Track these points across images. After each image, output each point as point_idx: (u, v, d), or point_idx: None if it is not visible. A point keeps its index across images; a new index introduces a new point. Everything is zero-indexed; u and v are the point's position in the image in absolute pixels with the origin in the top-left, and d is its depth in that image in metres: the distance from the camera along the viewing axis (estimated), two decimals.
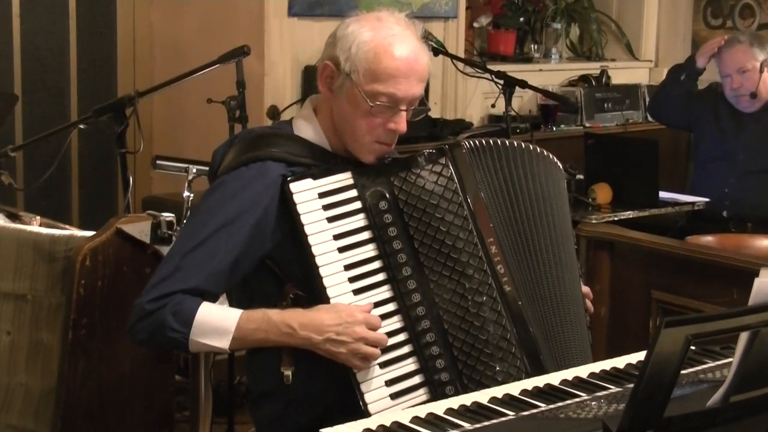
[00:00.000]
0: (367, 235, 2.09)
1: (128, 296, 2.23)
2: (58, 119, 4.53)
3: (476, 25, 5.66)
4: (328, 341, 1.98)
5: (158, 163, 3.45)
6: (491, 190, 2.20)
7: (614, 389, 1.82)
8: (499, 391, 1.80)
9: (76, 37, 4.72)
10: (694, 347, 1.64)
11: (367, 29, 2.09)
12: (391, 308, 2.06)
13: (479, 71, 4.23)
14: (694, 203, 4.28)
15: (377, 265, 2.08)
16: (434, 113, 4.93)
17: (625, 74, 6.07)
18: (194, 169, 3.22)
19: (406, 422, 1.66)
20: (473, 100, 5.29)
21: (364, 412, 1.96)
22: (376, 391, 2.00)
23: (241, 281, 2.11)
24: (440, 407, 1.72)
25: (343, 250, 2.05)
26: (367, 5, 4.57)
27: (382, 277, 2.07)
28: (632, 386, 1.43)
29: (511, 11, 5.75)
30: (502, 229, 2.18)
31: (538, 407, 1.73)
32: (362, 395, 1.99)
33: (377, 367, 2.01)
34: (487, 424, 1.65)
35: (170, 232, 2.72)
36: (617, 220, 3.98)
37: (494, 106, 4.73)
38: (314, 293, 2.03)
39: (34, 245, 2.53)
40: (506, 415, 1.69)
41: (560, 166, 2.35)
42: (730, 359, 1.86)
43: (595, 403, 1.73)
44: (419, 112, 2.16)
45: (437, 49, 4.09)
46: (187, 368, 3.17)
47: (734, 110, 4.45)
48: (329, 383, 2.06)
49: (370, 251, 2.08)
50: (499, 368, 2.08)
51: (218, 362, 3.35)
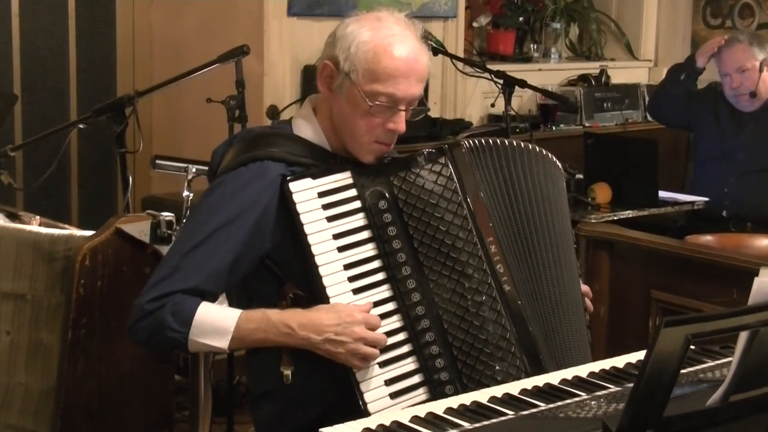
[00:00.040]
0: (366, 234, 2.09)
1: (128, 296, 2.23)
2: (57, 119, 4.52)
3: (475, 24, 5.66)
4: (327, 341, 1.97)
5: (158, 162, 3.44)
6: (491, 189, 2.20)
7: (614, 389, 1.82)
8: (498, 390, 1.80)
9: (75, 36, 4.71)
10: (693, 347, 1.64)
11: (366, 29, 2.09)
12: (390, 307, 2.06)
13: (479, 71, 4.23)
14: (693, 203, 4.28)
15: (377, 264, 2.08)
16: (434, 113, 4.92)
17: (624, 74, 6.07)
18: (194, 168, 3.22)
19: (405, 422, 1.66)
20: (473, 99, 5.29)
21: (363, 411, 1.96)
22: (375, 390, 2.00)
23: (240, 281, 2.10)
24: (440, 407, 1.72)
25: (342, 249, 2.05)
26: (366, 5, 4.57)
27: (381, 276, 2.07)
28: (632, 386, 1.43)
29: (510, 11, 5.75)
30: (501, 228, 2.18)
31: (537, 407, 1.73)
32: (362, 395, 1.99)
33: (377, 366, 2.01)
34: (486, 423, 1.65)
35: (170, 231, 2.72)
36: (617, 219, 3.97)
37: (494, 105, 4.75)
38: (314, 293, 2.03)
39: (33, 245, 2.52)
40: (506, 414, 1.69)
41: (559, 165, 2.36)
42: (729, 359, 1.86)
43: (594, 402, 1.73)
44: (418, 112, 2.16)
45: (437, 48, 4.09)
46: (186, 368, 3.17)
47: (734, 110, 4.45)
48: (329, 383, 2.06)
49: (369, 251, 2.08)
50: (498, 368, 2.08)
51: (218, 362, 3.35)
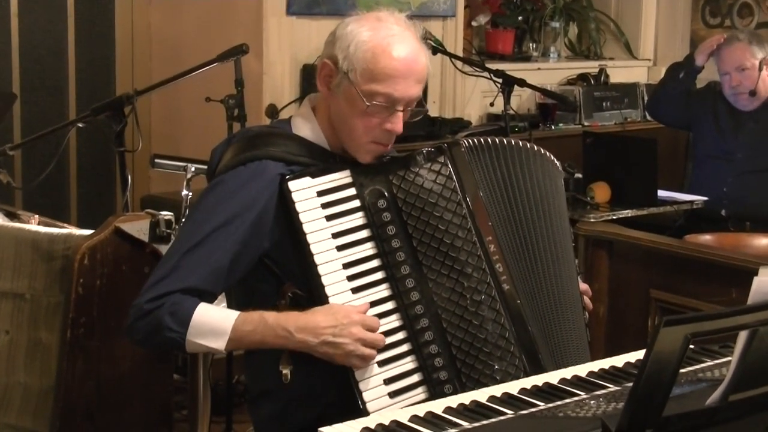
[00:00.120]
0: (365, 233, 2.08)
1: (127, 295, 2.22)
2: (56, 118, 4.52)
3: (474, 23, 5.66)
4: (324, 344, 1.97)
5: (157, 161, 3.44)
6: (490, 188, 2.20)
7: (613, 388, 1.82)
8: (497, 389, 1.80)
9: (74, 35, 4.71)
10: (692, 346, 1.64)
11: (366, 29, 2.09)
12: (389, 307, 2.06)
13: (478, 70, 4.23)
14: (692, 202, 4.28)
15: (376, 263, 2.07)
16: (433, 112, 4.92)
17: (623, 73, 6.07)
18: (193, 167, 3.22)
19: (405, 421, 1.66)
20: (472, 98, 5.29)
21: (362, 411, 1.96)
22: (374, 389, 2.00)
23: (239, 280, 2.10)
24: (439, 406, 1.72)
25: (341, 248, 2.05)
26: (365, 4, 4.57)
27: (380, 275, 2.07)
28: (631, 385, 1.43)
29: (509, 10, 5.74)
30: (500, 227, 2.18)
31: (537, 406, 1.73)
32: (360, 394, 1.99)
33: (375, 365, 2.00)
34: (486, 423, 1.65)
35: (169, 230, 2.71)
36: (616, 218, 3.97)
37: (493, 104, 4.74)
38: (312, 292, 2.03)
39: (32, 244, 2.52)
40: (505, 414, 1.69)
41: (558, 164, 2.36)
42: (728, 358, 1.87)
43: (594, 401, 1.73)
44: (417, 113, 2.16)
45: (436, 48, 4.09)
46: (185, 367, 3.17)
47: (733, 109, 4.45)
48: (328, 382, 2.06)
49: (368, 249, 2.07)
50: (497, 367, 2.08)
51: (217, 361, 3.35)
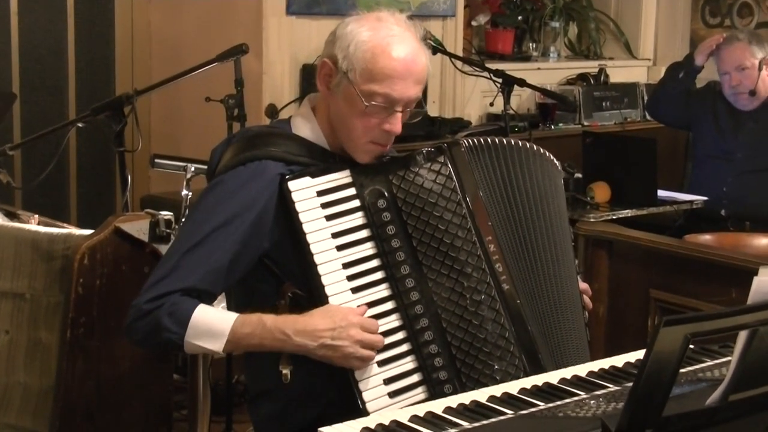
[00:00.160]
0: (365, 233, 2.08)
1: (127, 295, 2.22)
2: (56, 118, 4.52)
3: (474, 23, 5.66)
4: (323, 347, 1.97)
5: (156, 161, 3.44)
6: (489, 188, 2.20)
7: (613, 388, 1.82)
8: (497, 389, 1.80)
9: (74, 35, 4.72)
10: (692, 346, 1.64)
11: (366, 29, 2.08)
12: (389, 306, 2.06)
13: (478, 70, 4.23)
14: (692, 202, 4.28)
15: (375, 263, 2.07)
16: (432, 112, 4.92)
17: (623, 73, 6.07)
18: (192, 167, 3.22)
19: (405, 421, 1.66)
20: (471, 98, 5.29)
21: (362, 410, 1.95)
22: (374, 389, 2.00)
23: (239, 280, 2.10)
24: (439, 406, 1.72)
25: (341, 248, 2.05)
26: (365, 4, 4.57)
27: (380, 275, 2.07)
28: (631, 385, 1.43)
29: (509, 10, 5.74)
30: (500, 227, 2.18)
31: (536, 406, 1.73)
32: (360, 394, 1.99)
33: (375, 365, 2.00)
34: (485, 423, 1.65)
35: (168, 230, 2.71)
36: (615, 218, 3.98)
37: (492, 104, 4.74)
38: (312, 291, 2.02)
39: (32, 244, 2.52)
40: (505, 413, 1.69)
41: (558, 164, 2.36)
42: (728, 358, 1.87)
43: (593, 401, 1.73)
44: (416, 114, 2.15)
45: (435, 47, 4.08)
46: (185, 367, 3.17)
47: (732, 109, 4.45)
48: (328, 382, 2.05)
49: (368, 249, 2.07)
50: (497, 367, 2.08)
51: (216, 361, 3.35)
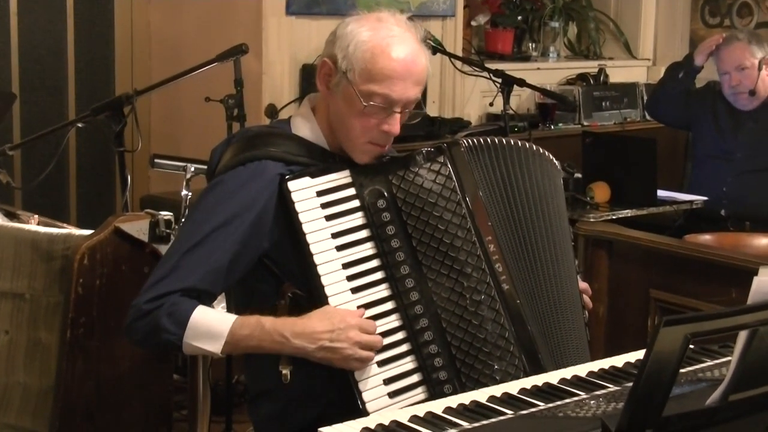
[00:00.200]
0: (365, 233, 2.08)
1: (126, 295, 2.22)
2: (55, 118, 4.52)
3: (474, 23, 5.65)
4: (321, 349, 1.97)
5: (156, 161, 3.44)
6: (489, 188, 2.20)
7: (613, 388, 1.82)
8: (497, 389, 1.80)
9: (73, 35, 4.71)
10: (692, 346, 1.64)
11: (366, 29, 2.08)
12: (388, 306, 2.06)
13: (477, 70, 4.23)
14: (692, 202, 4.28)
15: (375, 263, 2.07)
16: (432, 112, 4.92)
17: (623, 73, 6.07)
18: (192, 167, 3.22)
19: (404, 421, 1.66)
20: (471, 98, 5.29)
21: (362, 411, 1.95)
22: (374, 389, 2.00)
23: (239, 280, 2.10)
24: (439, 406, 1.72)
25: (341, 248, 2.05)
26: (365, 4, 4.57)
27: (380, 275, 2.07)
28: (631, 385, 1.43)
29: (509, 10, 5.74)
30: (500, 227, 2.18)
31: (536, 406, 1.73)
32: (360, 394, 1.99)
33: (375, 366, 2.00)
34: (485, 423, 1.65)
35: (168, 230, 2.71)
36: (615, 218, 3.97)
37: (492, 104, 4.74)
38: (312, 292, 2.02)
39: (32, 244, 2.52)
40: (505, 414, 1.69)
41: (557, 164, 2.36)
42: (728, 358, 1.87)
43: (593, 401, 1.73)
44: (415, 115, 2.15)
45: (435, 47, 4.08)
46: (185, 367, 3.17)
47: (732, 109, 4.45)
48: (328, 382, 2.05)
49: (368, 249, 2.07)
50: (497, 367, 2.08)
51: (216, 361, 3.34)
